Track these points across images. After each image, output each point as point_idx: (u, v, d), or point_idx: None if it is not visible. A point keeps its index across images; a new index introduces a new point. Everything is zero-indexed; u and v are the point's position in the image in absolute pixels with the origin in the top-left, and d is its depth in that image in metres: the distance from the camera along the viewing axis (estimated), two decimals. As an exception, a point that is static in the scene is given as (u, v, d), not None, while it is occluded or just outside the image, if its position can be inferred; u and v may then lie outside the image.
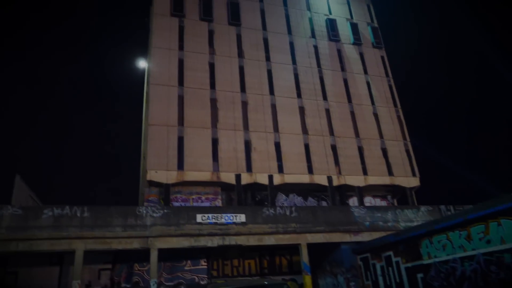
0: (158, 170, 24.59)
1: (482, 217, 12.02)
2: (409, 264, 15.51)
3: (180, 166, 25.28)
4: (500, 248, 11.43)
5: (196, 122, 26.76)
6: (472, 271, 12.39)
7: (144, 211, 18.27)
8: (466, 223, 12.64)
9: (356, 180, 28.78)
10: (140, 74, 39.21)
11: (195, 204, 25.41)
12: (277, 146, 27.99)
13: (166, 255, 19.76)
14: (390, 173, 30.00)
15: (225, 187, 26.36)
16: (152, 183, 24.95)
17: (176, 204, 24.93)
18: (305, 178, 27.56)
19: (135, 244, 17.48)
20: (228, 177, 25.86)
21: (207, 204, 25.61)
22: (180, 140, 26.03)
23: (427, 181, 32.58)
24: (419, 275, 14.81)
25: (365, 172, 29.30)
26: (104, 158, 66.92)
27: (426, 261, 14.48)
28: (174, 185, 25.10)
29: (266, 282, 7.07)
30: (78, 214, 17.14)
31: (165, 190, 24.78)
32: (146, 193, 25.66)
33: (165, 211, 18.71)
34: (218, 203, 26.05)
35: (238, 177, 25.99)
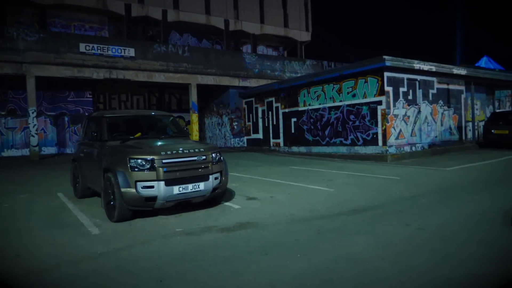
0: (30, -14, 20.85)
1: (354, 74, 13.62)
2: (286, 110, 17.39)
3: (58, -16, 21.72)
4: (361, 101, 13.43)
5: None
6: (335, 119, 14.57)
7: (15, 33, 16.07)
8: (340, 78, 14.23)
9: (253, 27, 28.67)
10: None
11: (77, 32, 22.99)
12: (174, -23, 25.41)
13: (47, 84, 18.51)
14: (286, 25, 30.43)
15: (113, 18, 23.98)
16: (23, 1, 21.34)
17: (54, 30, 22.21)
18: (201, 18, 26.41)
19: (7, 69, 15.81)
20: (117, 6, 23.35)
21: (91, 34, 23.38)
22: (57, -49, 21.70)
23: (318, 37, 34.26)
24: (293, 119, 16.88)
25: (262, 21, 29.17)
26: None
27: (301, 108, 16.38)
28: (51, 7, 21.89)
29: (153, 113, 7.35)
30: None
31: (39, 11, 21.57)
32: (15, 13, 22.06)
33: (42, 35, 16.73)
34: (105, 34, 23.98)
35: (128, 7, 23.63)
